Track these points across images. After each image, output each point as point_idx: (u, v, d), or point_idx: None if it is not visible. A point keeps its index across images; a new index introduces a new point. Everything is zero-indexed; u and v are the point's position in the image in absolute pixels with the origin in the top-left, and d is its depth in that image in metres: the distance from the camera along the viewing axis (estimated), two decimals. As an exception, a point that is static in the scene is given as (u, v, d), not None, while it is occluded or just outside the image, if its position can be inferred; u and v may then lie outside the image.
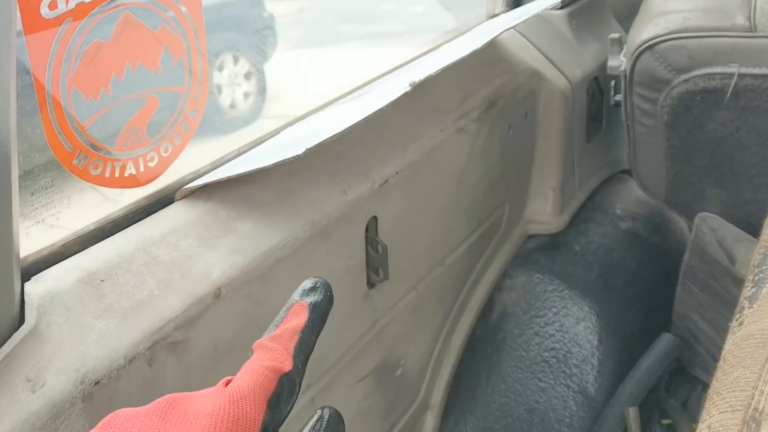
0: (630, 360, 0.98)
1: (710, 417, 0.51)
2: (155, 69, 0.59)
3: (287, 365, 0.39)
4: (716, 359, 0.99)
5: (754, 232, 0.99)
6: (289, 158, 0.55)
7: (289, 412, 0.39)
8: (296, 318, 0.41)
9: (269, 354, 0.39)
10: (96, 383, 0.48)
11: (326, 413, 0.38)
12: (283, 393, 0.38)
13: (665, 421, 0.99)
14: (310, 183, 0.67)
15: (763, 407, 0.48)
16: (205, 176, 0.63)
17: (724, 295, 0.95)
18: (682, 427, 0.97)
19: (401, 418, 0.85)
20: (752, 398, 0.49)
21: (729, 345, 0.56)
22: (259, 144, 0.70)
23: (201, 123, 0.64)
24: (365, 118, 0.61)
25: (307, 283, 0.43)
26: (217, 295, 0.56)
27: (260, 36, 1.24)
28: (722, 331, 0.99)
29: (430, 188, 0.79)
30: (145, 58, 0.58)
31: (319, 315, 0.42)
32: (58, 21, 0.50)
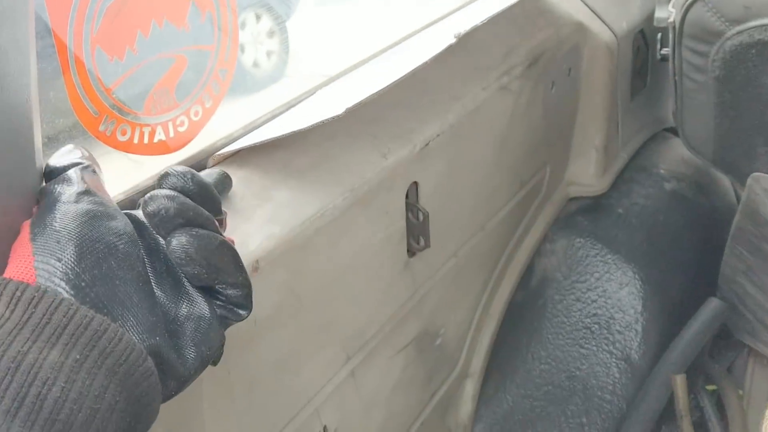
0: (675, 326, 0.94)
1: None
2: (183, 26, 0.55)
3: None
4: (764, 323, 0.95)
5: (810, 192, 0.94)
6: (328, 119, 0.52)
7: None
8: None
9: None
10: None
11: None
12: None
13: (710, 387, 0.96)
14: (349, 147, 0.63)
15: None
16: (239, 141, 0.60)
17: (777, 259, 0.91)
18: (728, 393, 0.94)
19: (441, 387, 0.83)
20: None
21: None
22: (293, 106, 0.66)
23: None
24: (406, 75, 0.57)
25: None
26: (255, 268, 0.53)
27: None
28: (773, 297, 0.95)
29: (471, 150, 0.75)
30: (172, 14, 0.54)
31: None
32: (80, -24, 0.47)
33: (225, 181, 0.53)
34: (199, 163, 0.59)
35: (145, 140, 0.55)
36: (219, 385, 0.53)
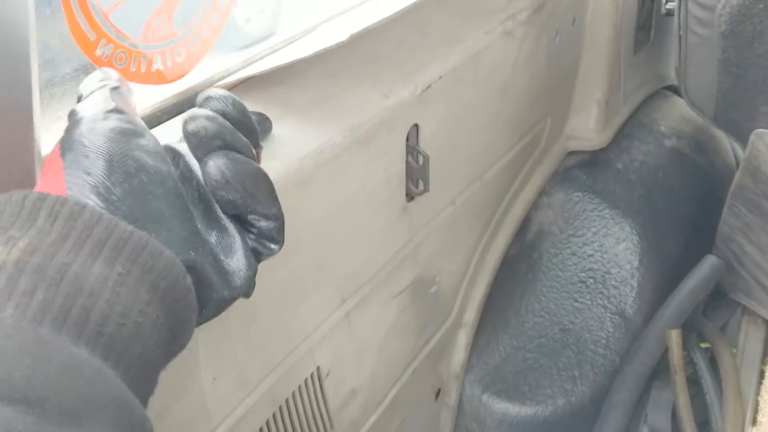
0: (671, 282, 0.94)
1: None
2: (183, -49, 0.54)
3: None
4: (760, 283, 0.95)
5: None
6: (331, 46, 0.50)
7: None
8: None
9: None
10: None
11: None
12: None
13: (703, 345, 0.96)
14: (350, 86, 0.62)
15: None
16: (238, 72, 0.58)
17: (775, 217, 0.91)
18: (721, 351, 0.94)
19: (434, 335, 0.83)
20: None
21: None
22: (293, 41, 0.65)
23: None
24: (406, 9, 0.56)
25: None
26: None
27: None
28: (769, 255, 0.95)
29: (473, 96, 0.74)
30: (172, -61, 0.52)
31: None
32: None
33: (265, 123, 0.53)
34: (196, 95, 0.58)
35: (143, 68, 0.54)
36: (215, 322, 0.52)
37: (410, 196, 0.69)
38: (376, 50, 0.66)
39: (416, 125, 0.66)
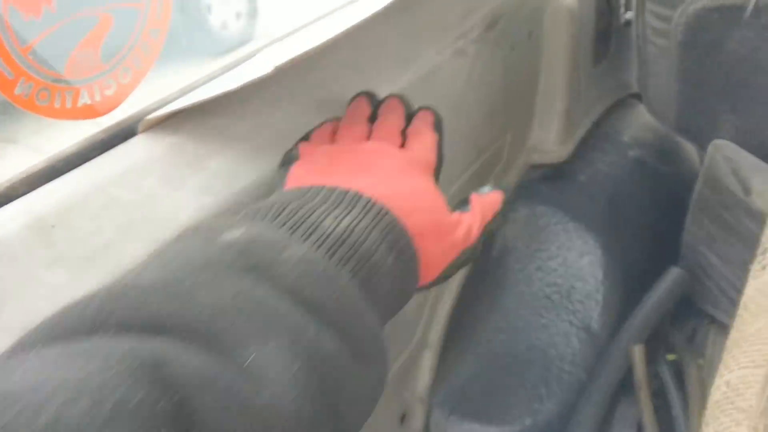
0: (636, 294, 0.93)
1: (729, 372, 0.46)
2: (108, -18, 0.52)
3: (435, 136, 0.57)
4: (726, 294, 0.94)
5: (771, 160, 0.93)
6: (257, 79, 0.49)
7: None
8: (428, 116, 0.57)
9: (426, 132, 0.55)
10: (48, 342, 0.43)
11: None
12: (440, 155, 0.55)
13: (671, 357, 0.95)
14: (292, 114, 0.60)
15: (791, 362, 0.43)
16: (171, 104, 0.57)
17: (738, 228, 0.90)
18: (688, 363, 0.93)
19: (398, 359, 0.81)
20: (778, 351, 0.44)
21: (750, 291, 0.51)
22: (232, 68, 0.63)
23: (192, 45, 0.57)
24: (346, 32, 0.54)
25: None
26: (186, 240, 0.50)
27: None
28: (733, 265, 0.94)
29: (424, 116, 0.72)
30: (95, -31, 0.51)
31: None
32: (-16, -75, 0.43)
33: None
34: (129, 127, 0.56)
35: (68, 104, 0.52)
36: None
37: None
38: (324, 74, 0.64)
39: (364, 150, 0.64)
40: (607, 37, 1.03)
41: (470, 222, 0.51)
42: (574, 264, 0.93)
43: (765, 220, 0.66)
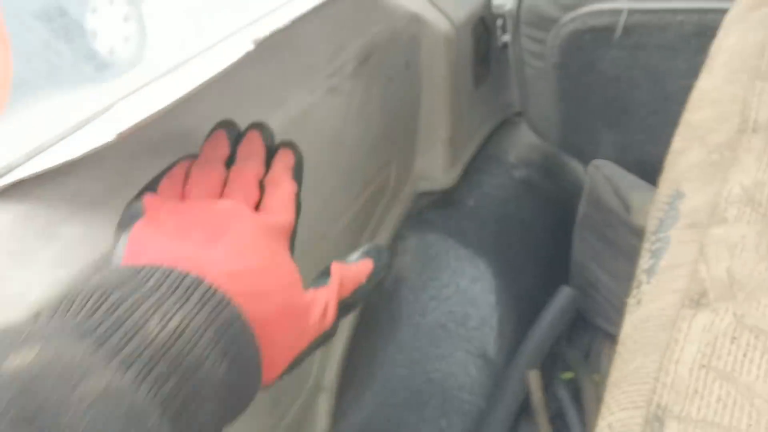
0: (530, 316, 0.94)
1: (611, 414, 0.46)
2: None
3: (295, 186, 0.50)
4: (616, 308, 0.96)
5: (649, 176, 0.95)
6: (99, 147, 0.45)
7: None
8: (286, 157, 0.52)
9: (284, 183, 0.49)
10: None
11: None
12: (299, 205, 0.49)
13: (566, 375, 0.97)
14: (156, 169, 0.57)
15: (666, 403, 0.43)
16: (17, 170, 0.52)
17: (621, 244, 0.92)
18: (584, 380, 0.95)
19: (292, 405, 0.78)
20: (654, 392, 0.44)
21: (627, 327, 0.51)
22: (90, 121, 0.59)
23: (78, 72, 0.52)
24: (205, 84, 0.51)
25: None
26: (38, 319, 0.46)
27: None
28: (621, 280, 0.96)
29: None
30: None
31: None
32: None
33: None
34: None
35: None
36: None
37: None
38: (185, 124, 0.61)
39: (238, 198, 0.62)
40: (486, 60, 1.04)
41: (327, 299, 0.45)
42: (467, 290, 0.93)
43: (644, 237, 0.67)
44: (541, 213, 1.05)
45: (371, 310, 0.90)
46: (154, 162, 0.58)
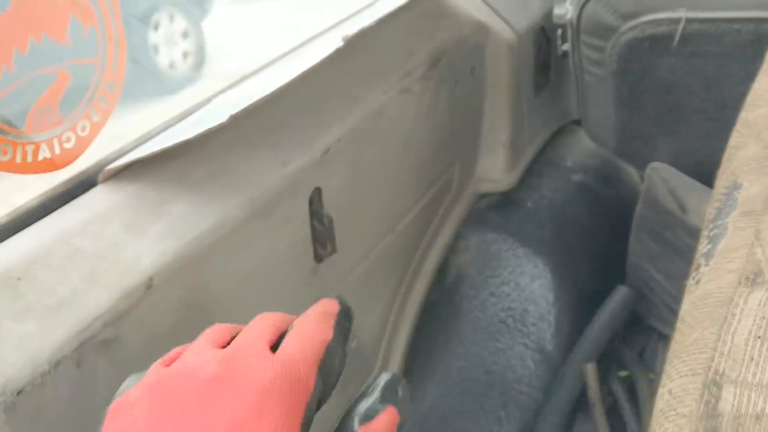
0: (587, 314, 0.97)
1: (671, 381, 0.49)
2: (63, 41, 0.53)
3: (330, 334, 0.39)
4: (671, 309, 0.99)
5: (705, 179, 0.98)
6: (213, 128, 0.51)
7: (336, 383, 0.39)
8: (329, 305, 0.42)
9: (313, 324, 0.39)
10: (19, 392, 0.44)
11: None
12: (330, 361, 0.38)
13: (623, 373, 0.99)
14: (247, 157, 0.63)
15: (723, 369, 0.47)
16: (130, 154, 0.58)
17: (677, 245, 0.95)
18: (640, 378, 0.97)
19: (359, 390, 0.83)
20: (712, 360, 0.48)
21: (686, 305, 0.54)
22: (189, 114, 0.65)
23: (139, 86, 0.59)
24: (296, 79, 0.57)
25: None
26: (149, 285, 0.52)
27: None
28: (676, 281, 0.98)
29: (375, 154, 0.75)
30: (51, 29, 0.52)
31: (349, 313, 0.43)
32: (-56, -8, 0.45)
33: None
34: (89, 178, 0.57)
35: (29, 158, 0.53)
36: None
37: (319, 258, 0.69)
38: (275, 118, 0.67)
39: (318, 188, 0.67)
40: (546, 68, 1.08)
41: None
42: (526, 288, 0.96)
43: (699, 237, 0.70)
44: (598, 215, 1.08)
45: (433, 305, 0.95)
46: (246, 151, 0.64)
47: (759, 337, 0.47)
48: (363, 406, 0.38)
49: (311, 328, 0.39)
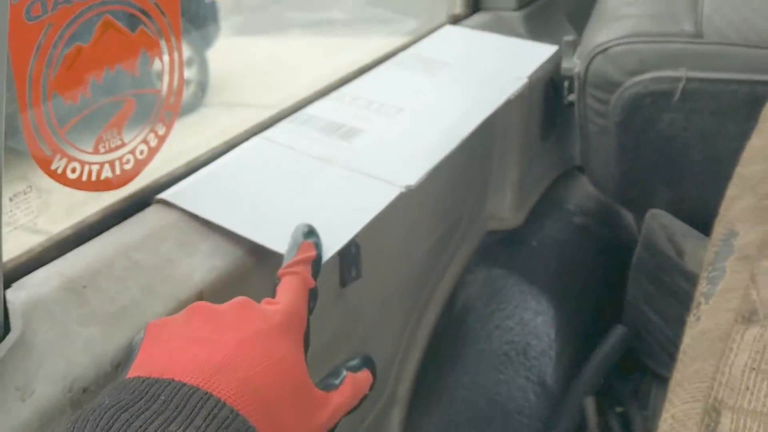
0: (585, 351, 1.02)
1: (673, 407, 0.54)
2: (133, 71, 0.59)
3: (311, 282, 0.52)
4: (665, 349, 1.04)
5: (700, 226, 1.04)
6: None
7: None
8: (308, 251, 0.54)
9: (299, 276, 0.51)
10: (84, 390, 0.49)
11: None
12: (311, 304, 0.51)
13: (619, 409, 1.04)
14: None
15: (722, 397, 0.52)
16: (181, 182, 0.63)
17: (673, 288, 1.00)
18: (634, 414, 1.02)
19: (370, 413, 0.87)
20: (711, 389, 0.53)
21: (687, 339, 0.60)
22: (230, 150, 0.71)
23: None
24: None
25: (303, 227, 0.57)
26: (200, 297, 0.56)
27: (202, 21, 1.23)
28: (671, 323, 1.04)
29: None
30: (124, 60, 0.58)
31: (320, 251, 0.55)
32: (41, 25, 0.50)
33: None
34: (142, 199, 0.62)
35: (93, 178, 0.58)
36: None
37: (344, 282, 0.74)
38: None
39: (348, 218, 0.72)
40: (552, 116, 1.15)
41: (336, 406, 0.45)
42: (529, 323, 1.01)
43: (697, 280, 0.76)
44: (598, 257, 1.13)
45: (441, 334, 0.99)
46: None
47: (754, 369, 0.52)
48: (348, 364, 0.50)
49: (299, 280, 0.51)
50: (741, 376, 0.52)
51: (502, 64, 0.91)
